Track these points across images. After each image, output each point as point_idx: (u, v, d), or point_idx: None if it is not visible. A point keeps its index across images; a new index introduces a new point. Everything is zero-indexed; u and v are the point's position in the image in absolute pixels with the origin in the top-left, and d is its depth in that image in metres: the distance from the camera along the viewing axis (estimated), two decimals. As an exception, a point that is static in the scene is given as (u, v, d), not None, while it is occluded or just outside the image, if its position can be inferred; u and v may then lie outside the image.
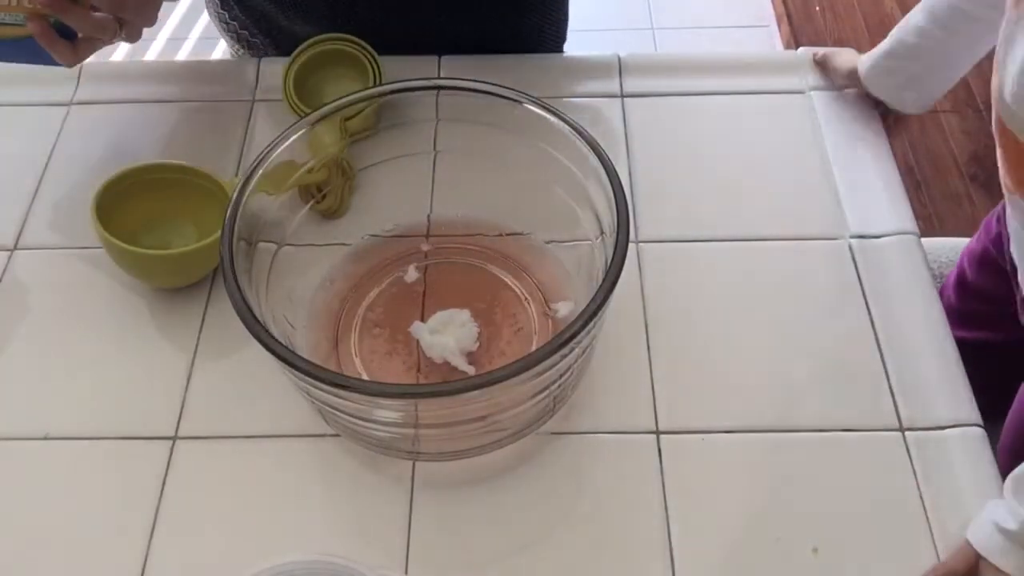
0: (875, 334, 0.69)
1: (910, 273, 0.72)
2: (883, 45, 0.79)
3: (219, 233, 0.58)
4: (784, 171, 0.79)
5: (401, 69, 0.79)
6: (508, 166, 0.68)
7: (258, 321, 0.54)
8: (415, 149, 0.72)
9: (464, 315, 0.66)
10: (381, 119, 0.70)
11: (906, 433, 0.64)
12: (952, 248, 1.06)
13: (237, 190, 0.60)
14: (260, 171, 0.61)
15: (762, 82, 0.86)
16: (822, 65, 0.85)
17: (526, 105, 0.63)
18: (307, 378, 0.52)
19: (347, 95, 0.65)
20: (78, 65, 0.72)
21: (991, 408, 0.68)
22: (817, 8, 2.16)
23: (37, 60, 0.70)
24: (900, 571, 0.58)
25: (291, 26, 0.89)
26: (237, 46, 0.97)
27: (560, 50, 0.97)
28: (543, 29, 0.93)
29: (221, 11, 0.94)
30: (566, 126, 0.62)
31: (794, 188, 0.78)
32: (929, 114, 1.85)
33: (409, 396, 0.54)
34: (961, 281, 0.97)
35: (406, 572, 0.58)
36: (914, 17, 0.77)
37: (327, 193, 0.71)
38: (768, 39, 2.20)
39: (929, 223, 1.71)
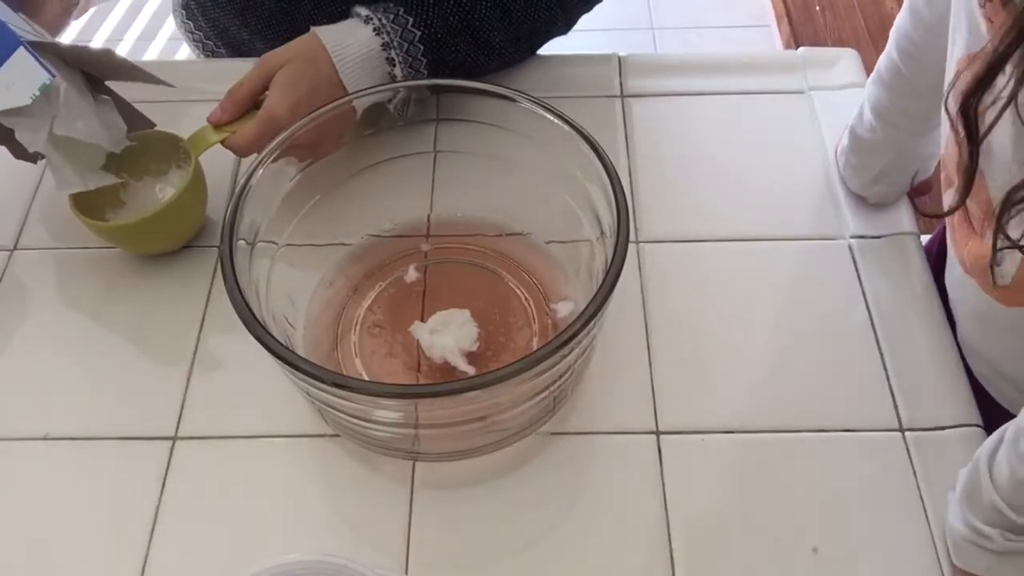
0: (875, 334, 0.69)
1: (910, 273, 0.72)
2: (844, 140, 0.76)
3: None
4: (784, 171, 0.79)
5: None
6: (508, 166, 0.68)
7: (258, 321, 0.54)
8: (415, 149, 0.72)
9: (464, 315, 0.66)
10: (382, 119, 0.70)
11: (906, 433, 0.64)
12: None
13: (238, 190, 0.60)
14: (260, 171, 0.61)
15: (762, 82, 0.86)
16: None
17: (526, 105, 0.63)
18: (307, 378, 0.52)
19: (346, 96, 0.65)
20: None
21: None
22: (817, 8, 2.16)
23: None
24: (900, 571, 0.58)
25: (252, 40, 0.90)
26: (202, 56, 0.98)
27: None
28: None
29: (186, 21, 0.96)
30: (566, 126, 0.62)
31: (794, 188, 0.78)
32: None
33: (409, 396, 0.54)
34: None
35: (406, 572, 0.58)
36: (865, 112, 0.73)
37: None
38: (768, 39, 2.21)
39: (929, 223, 1.70)
